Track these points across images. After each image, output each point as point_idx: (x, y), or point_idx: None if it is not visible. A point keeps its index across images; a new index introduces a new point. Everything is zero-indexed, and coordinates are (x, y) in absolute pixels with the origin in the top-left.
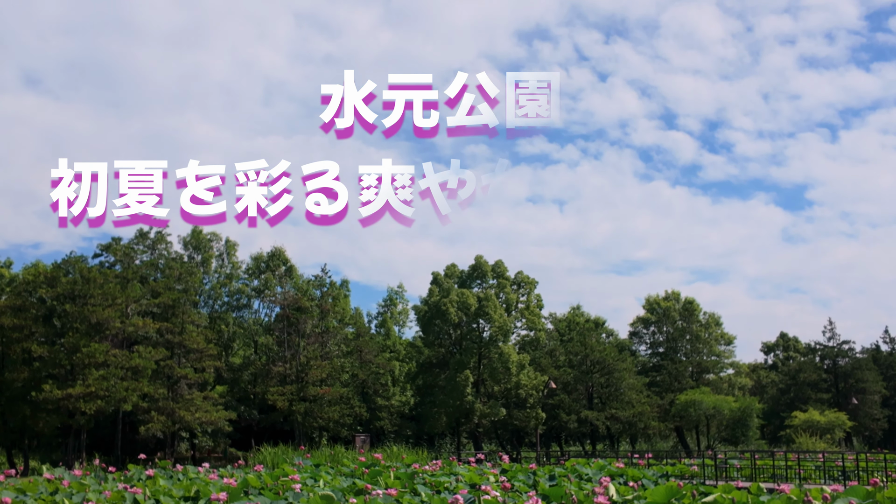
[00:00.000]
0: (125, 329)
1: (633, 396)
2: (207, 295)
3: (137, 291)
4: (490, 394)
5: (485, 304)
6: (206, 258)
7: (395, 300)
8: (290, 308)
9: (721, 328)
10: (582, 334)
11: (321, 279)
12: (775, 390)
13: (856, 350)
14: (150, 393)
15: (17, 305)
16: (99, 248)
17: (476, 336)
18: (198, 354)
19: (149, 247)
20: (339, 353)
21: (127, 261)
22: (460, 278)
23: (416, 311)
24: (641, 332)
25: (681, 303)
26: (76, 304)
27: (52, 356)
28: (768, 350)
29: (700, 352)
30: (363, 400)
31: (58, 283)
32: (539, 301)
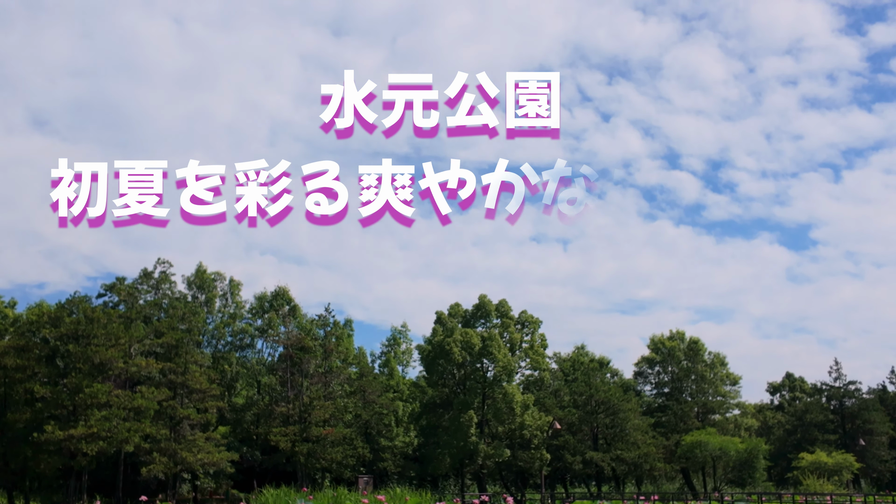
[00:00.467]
0: (128, 369)
1: (638, 437)
2: (211, 335)
3: (141, 331)
4: (494, 434)
5: (489, 343)
6: (210, 297)
7: (399, 340)
8: (294, 348)
9: (726, 368)
10: (586, 374)
11: (325, 319)
12: (782, 431)
13: (862, 390)
14: (152, 434)
15: (20, 346)
16: (103, 287)
17: (480, 376)
18: (200, 395)
19: (153, 286)
20: (343, 393)
21: (131, 300)
22: (464, 318)
23: (420, 351)
24: (646, 371)
25: (686, 342)
26: (79, 344)
27: (55, 397)
28: (774, 390)
29: (705, 392)
30: (366, 441)
31: (61, 323)
32: (543, 340)
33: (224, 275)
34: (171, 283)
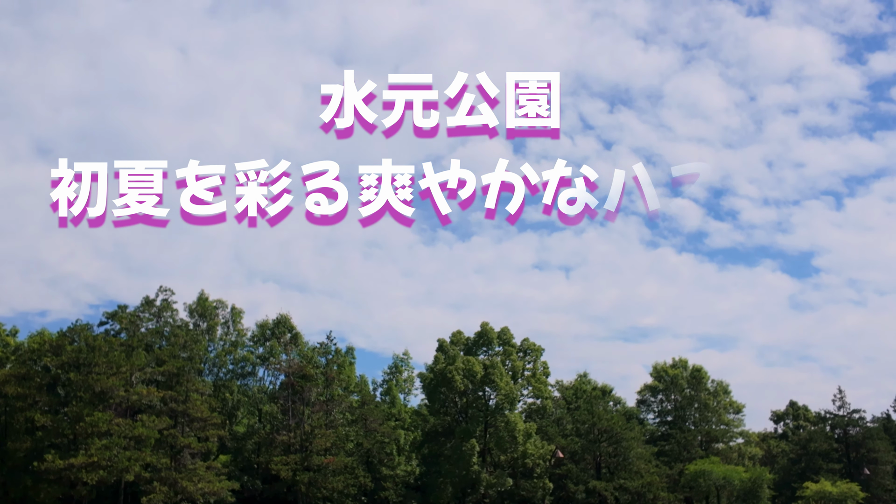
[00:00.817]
0: (129, 398)
1: (641, 466)
2: (212, 363)
3: (142, 359)
4: (496, 463)
5: (491, 371)
6: (212, 325)
7: (401, 367)
8: (295, 376)
9: (730, 396)
10: (589, 402)
11: (326, 346)
12: (786, 460)
13: (866, 419)
14: (152, 463)
15: (21, 374)
16: (105, 315)
17: (482, 404)
18: (201, 423)
19: (154, 314)
20: (344, 422)
21: (132, 329)
22: (466, 345)
23: (422, 379)
24: (649, 399)
25: (688, 370)
26: (80, 372)
27: (55, 425)
28: (778, 419)
29: (709, 420)
30: (368, 469)
31: (63, 351)
32: (545, 368)
33: (226, 302)
34: (172, 310)
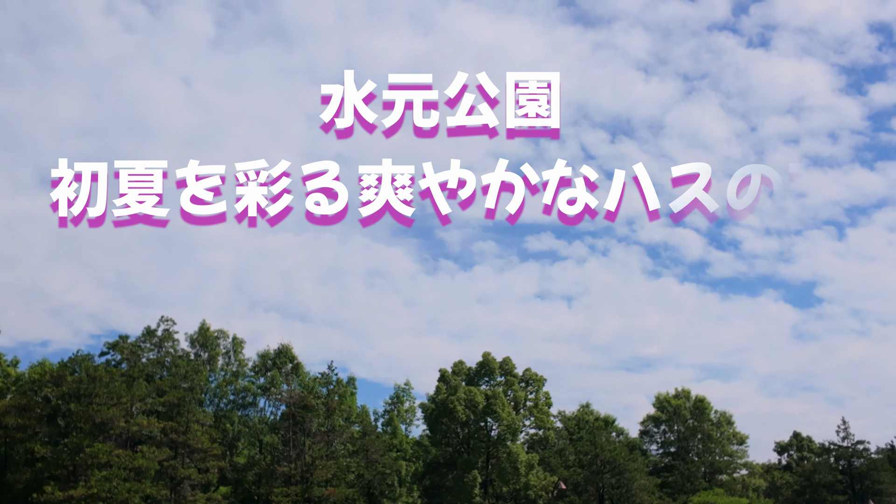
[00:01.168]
0: (129, 428)
1: (644, 498)
2: (213, 393)
3: (143, 390)
4: (499, 495)
5: (493, 401)
6: (213, 356)
7: (402, 398)
8: (296, 406)
9: (733, 427)
10: (592, 433)
11: (328, 377)
12: (790, 492)
13: (871, 450)
14: (152, 494)
15: (21, 405)
16: (106, 345)
17: (484, 435)
18: (202, 454)
19: (156, 344)
20: (345, 453)
21: (133, 359)
22: (468, 375)
23: (423, 409)
24: (652, 430)
25: (691, 401)
26: (81, 403)
27: (55, 457)
28: (782, 450)
29: (712, 451)
30: (369, 501)
31: (63, 381)
32: (548, 398)
33: (227, 332)
34: (174, 340)
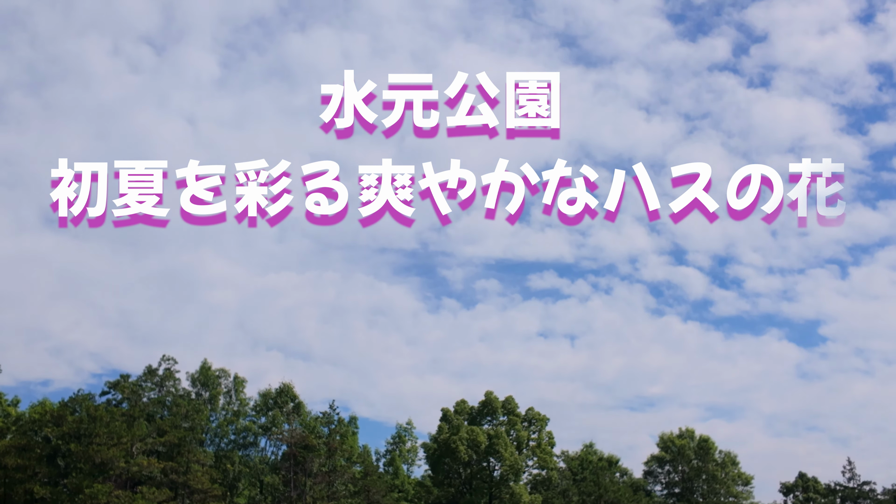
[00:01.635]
0: (129, 469)
1: None
2: (214, 433)
3: (143, 430)
4: None
5: (495, 441)
6: (214, 395)
7: (404, 437)
8: (298, 446)
9: (738, 467)
10: (595, 473)
11: (329, 416)
12: None
13: (877, 491)
14: None
15: (21, 445)
16: (107, 385)
17: (486, 475)
18: (202, 495)
19: (157, 384)
20: (347, 493)
21: (134, 398)
22: (470, 415)
23: (426, 449)
24: (656, 471)
25: (696, 441)
26: (81, 443)
27: (55, 497)
28: (787, 491)
29: (717, 492)
30: None
31: (64, 421)
32: (551, 438)
33: (228, 371)
34: (175, 379)
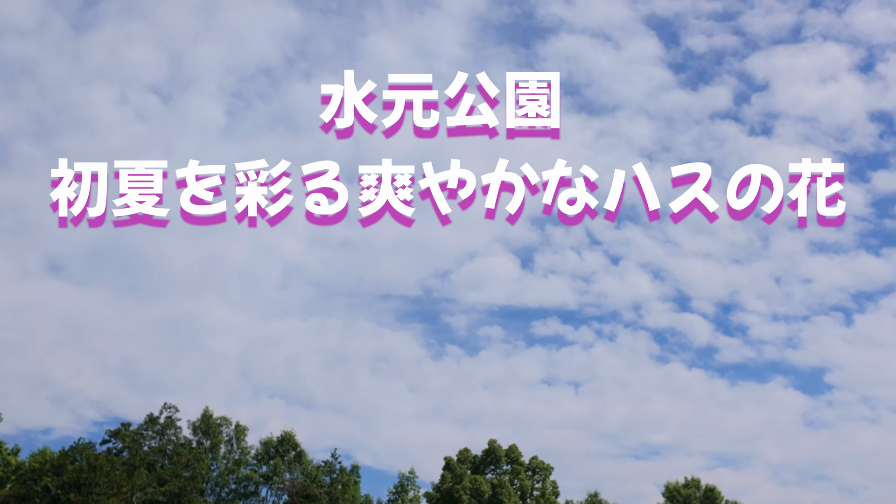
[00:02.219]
0: None
1: None
2: (215, 482)
3: (144, 479)
4: None
5: (499, 491)
6: (216, 443)
7: (407, 486)
8: (299, 496)
9: None
10: None
11: (331, 465)
12: None
13: None
14: None
15: (21, 494)
16: (108, 433)
17: None
18: None
19: (158, 432)
20: None
21: (135, 447)
22: (473, 463)
23: (428, 499)
24: None
25: (702, 490)
26: (81, 492)
27: None
28: None
29: None
30: None
31: (64, 470)
32: (555, 488)
33: (230, 419)
34: (176, 428)
